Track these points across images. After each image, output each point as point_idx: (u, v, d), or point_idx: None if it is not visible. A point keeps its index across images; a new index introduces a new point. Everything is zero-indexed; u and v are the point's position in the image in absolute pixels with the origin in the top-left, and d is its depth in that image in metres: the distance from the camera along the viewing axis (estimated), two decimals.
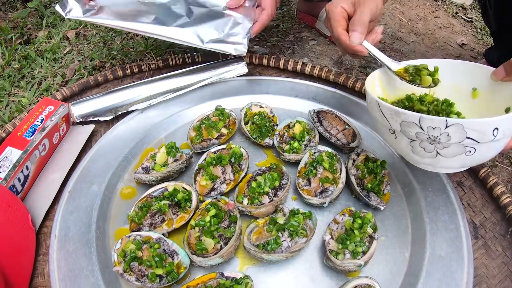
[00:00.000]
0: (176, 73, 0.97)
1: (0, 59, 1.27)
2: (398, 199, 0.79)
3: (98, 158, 0.84)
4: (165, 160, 0.78)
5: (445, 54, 1.36)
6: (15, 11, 1.69)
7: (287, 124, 0.86)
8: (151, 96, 0.93)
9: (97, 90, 1.01)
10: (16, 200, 0.76)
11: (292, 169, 0.80)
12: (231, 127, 0.86)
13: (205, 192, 0.75)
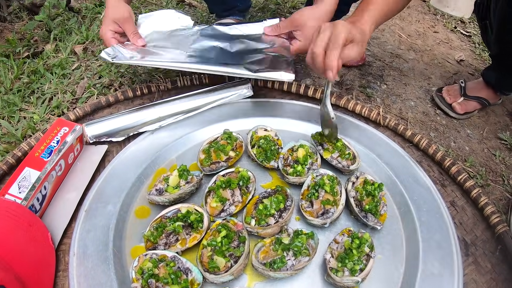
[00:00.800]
0: (185, 95, 1.05)
1: (9, 73, 1.35)
2: (394, 219, 0.88)
3: (112, 178, 0.92)
4: (177, 183, 0.87)
5: (444, 71, 1.45)
6: (21, 21, 1.77)
7: (291, 147, 0.94)
8: (161, 118, 1.01)
9: (109, 110, 1.10)
10: (36, 219, 0.84)
11: (296, 190, 0.89)
12: (238, 150, 0.95)
13: (215, 213, 0.83)
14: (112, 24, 1.09)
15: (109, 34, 1.09)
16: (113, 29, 1.10)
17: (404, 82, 1.33)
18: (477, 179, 1.03)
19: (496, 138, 1.20)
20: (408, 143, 1.04)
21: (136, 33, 1.11)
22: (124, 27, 1.10)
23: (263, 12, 1.65)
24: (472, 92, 1.24)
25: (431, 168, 0.99)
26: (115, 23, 1.10)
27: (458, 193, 0.95)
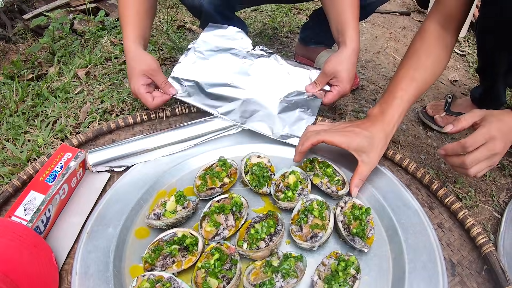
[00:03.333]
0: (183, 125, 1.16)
1: (14, 95, 1.44)
2: (382, 241, 0.95)
3: (113, 202, 1.00)
4: (174, 208, 0.95)
5: (436, 93, 1.53)
6: (25, 42, 1.88)
7: (283, 173, 1.02)
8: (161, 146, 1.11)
9: (110, 136, 1.19)
10: (40, 240, 0.92)
11: (287, 215, 0.96)
12: (232, 176, 1.03)
13: (210, 237, 0.91)
14: (142, 78, 1.13)
15: (143, 89, 1.13)
16: (144, 83, 1.14)
17: None
18: (466, 200, 1.10)
19: None
20: (398, 167, 1.11)
21: (167, 82, 1.17)
22: (155, 78, 1.15)
23: (260, 37, 1.74)
24: (456, 108, 1.32)
25: (419, 191, 1.06)
26: (144, 76, 1.13)
27: (445, 215, 1.02)
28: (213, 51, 1.29)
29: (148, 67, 1.12)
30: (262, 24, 1.87)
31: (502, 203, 1.13)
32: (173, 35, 1.75)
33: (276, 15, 1.96)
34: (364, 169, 0.99)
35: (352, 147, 0.98)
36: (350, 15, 1.13)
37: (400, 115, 1.01)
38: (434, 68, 1.06)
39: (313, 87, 1.22)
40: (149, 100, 1.13)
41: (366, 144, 0.97)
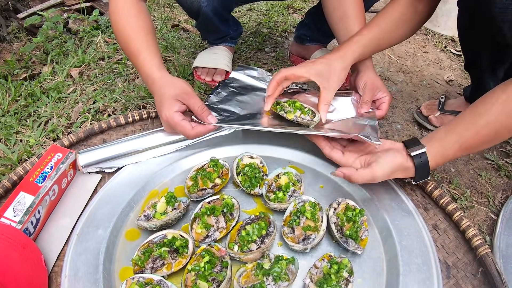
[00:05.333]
0: None
1: (6, 95, 1.42)
2: (375, 243, 0.93)
3: (103, 203, 0.98)
4: (164, 209, 0.92)
5: (432, 92, 1.51)
6: (20, 41, 1.85)
7: (277, 174, 1.00)
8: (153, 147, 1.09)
9: (101, 136, 1.17)
10: (30, 242, 0.90)
11: (279, 216, 0.94)
12: (224, 177, 1.01)
13: (200, 239, 0.89)
14: (176, 103, 0.96)
15: (177, 117, 0.95)
16: (178, 110, 0.96)
17: (391, 105, 1.39)
18: (462, 201, 1.08)
19: (483, 158, 1.25)
20: None
21: (204, 108, 0.98)
22: (190, 102, 0.97)
23: (255, 37, 1.72)
24: (450, 107, 1.30)
25: (414, 192, 1.04)
26: (178, 101, 0.96)
27: (440, 216, 1.00)
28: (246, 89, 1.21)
29: (180, 91, 0.97)
30: (257, 23, 1.85)
31: (498, 204, 1.11)
32: (167, 35, 1.72)
33: (271, 14, 1.94)
34: (327, 94, 1.02)
35: (312, 74, 1.01)
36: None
37: (355, 52, 1.04)
38: (398, 24, 1.09)
39: (367, 107, 1.10)
40: (187, 128, 0.96)
41: (324, 70, 1.02)
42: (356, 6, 1.15)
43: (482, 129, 0.87)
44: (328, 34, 1.32)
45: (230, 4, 1.30)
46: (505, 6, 0.91)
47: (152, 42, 1.05)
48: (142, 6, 1.09)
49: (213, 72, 1.37)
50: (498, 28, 0.97)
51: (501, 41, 1.02)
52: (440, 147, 0.91)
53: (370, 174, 0.90)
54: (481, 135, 0.88)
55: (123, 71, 1.50)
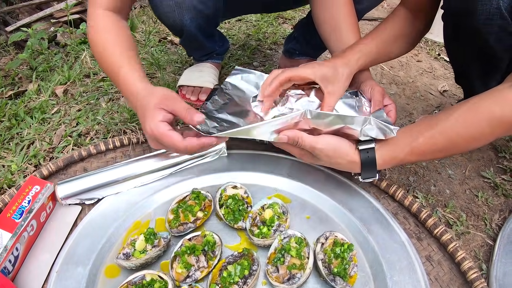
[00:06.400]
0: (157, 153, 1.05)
1: None
2: (365, 278, 0.86)
3: (83, 238, 0.92)
4: (144, 247, 0.86)
5: (426, 105, 1.43)
6: (8, 54, 1.79)
7: (262, 206, 0.93)
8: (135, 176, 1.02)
9: (82, 164, 1.09)
10: (8, 282, 0.83)
11: (264, 252, 0.87)
12: (206, 209, 0.94)
13: (181, 279, 0.82)
14: (159, 112, 0.82)
15: (163, 127, 0.81)
16: (164, 119, 0.82)
17: None
18: (457, 226, 1.01)
19: (479, 176, 1.17)
20: (384, 194, 1.02)
21: (189, 108, 0.83)
22: (174, 107, 0.83)
23: (243, 50, 1.64)
24: None
25: (407, 220, 0.97)
26: (161, 110, 0.82)
27: (434, 246, 0.93)
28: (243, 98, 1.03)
29: (162, 97, 0.84)
30: (246, 35, 1.77)
31: (495, 227, 1.04)
32: (155, 49, 1.65)
33: (260, 25, 1.85)
34: (331, 100, 0.95)
35: (318, 76, 0.93)
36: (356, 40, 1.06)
37: (359, 60, 0.97)
38: (397, 39, 1.05)
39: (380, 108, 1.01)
40: (175, 138, 0.81)
41: (330, 73, 0.94)
42: (349, 17, 1.08)
43: (437, 136, 0.82)
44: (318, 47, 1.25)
45: (215, 19, 1.21)
46: (490, 18, 0.85)
47: (133, 57, 0.96)
48: (122, 23, 1.02)
49: (198, 90, 1.29)
50: (484, 40, 0.91)
51: (489, 52, 0.96)
52: (390, 147, 0.86)
53: (311, 142, 0.85)
54: (435, 142, 0.82)
55: (108, 89, 1.43)
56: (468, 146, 0.85)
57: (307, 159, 0.90)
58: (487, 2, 0.83)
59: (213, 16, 1.14)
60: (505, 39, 0.90)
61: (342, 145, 0.86)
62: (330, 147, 0.85)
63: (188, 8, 1.06)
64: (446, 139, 0.82)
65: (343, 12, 1.07)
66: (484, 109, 0.79)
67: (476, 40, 0.94)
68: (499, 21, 0.85)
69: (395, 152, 0.85)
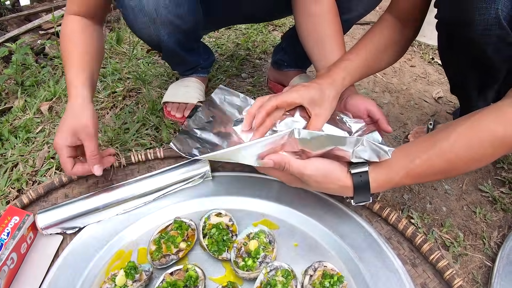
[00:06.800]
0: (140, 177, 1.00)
1: None
2: None
3: (65, 269, 0.87)
4: (124, 283, 0.80)
5: (420, 114, 1.36)
6: None
7: (248, 234, 0.88)
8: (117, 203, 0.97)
9: (63, 190, 1.04)
10: None
11: (250, 284, 0.82)
12: (190, 239, 0.89)
13: None
14: (71, 138, 0.88)
15: (65, 152, 0.88)
16: (70, 144, 0.88)
17: None
18: (454, 247, 0.95)
19: (477, 190, 1.11)
20: (377, 217, 0.96)
21: (95, 156, 0.89)
22: (85, 144, 0.89)
23: (232, 61, 1.57)
24: None
25: (401, 245, 0.91)
26: (74, 136, 0.88)
27: (430, 273, 0.87)
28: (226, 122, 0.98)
29: (81, 127, 0.88)
30: (235, 44, 1.70)
31: (494, 246, 0.98)
32: (142, 61, 1.58)
33: (250, 33, 1.78)
34: (318, 122, 0.92)
35: (306, 100, 0.90)
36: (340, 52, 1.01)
37: (344, 79, 0.93)
38: (386, 48, 1.00)
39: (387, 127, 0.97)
40: (67, 167, 0.90)
41: (317, 95, 0.90)
42: (333, 28, 1.02)
43: (435, 158, 0.74)
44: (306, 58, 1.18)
45: (195, 33, 1.15)
46: (487, 28, 0.79)
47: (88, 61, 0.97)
48: (91, 29, 1.01)
49: (183, 107, 1.23)
50: (481, 51, 0.85)
51: (486, 63, 0.89)
52: (385, 169, 0.78)
53: (299, 167, 0.78)
54: (432, 164, 0.75)
55: None
56: (468, 168, 0.78)
57: (296, 184, 0.84)
58: (485, 12, 0.77)
59: (192, 30, 1.08)
60: (503, 49, 0.84)
61: (333, 170, 0.79)
62: (319, 172, 0.79)
63: (163, 23, 0.99)
64: (444, 162, 0.75)
65: (327, 23, 1.01)
66: (486, 129, 0.72)
67: (472, 50, 0.88)
68: (498, 31, 0.79)
69: (390, 175, 0.78)
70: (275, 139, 0.78)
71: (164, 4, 0.95)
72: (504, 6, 0.76)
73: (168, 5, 0.96)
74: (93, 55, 0.99)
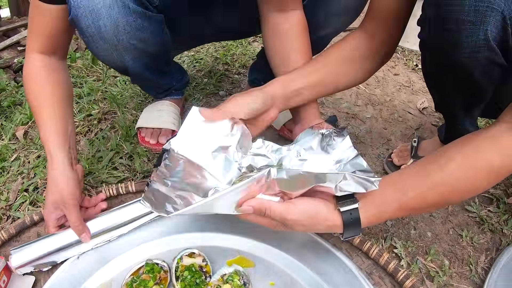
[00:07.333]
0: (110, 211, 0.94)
1: None
2: None
3: None
4: None
5: (405, 128, 1.30)
6: None
7: (222, 276, 0.82)
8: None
9: (35, 229, 0.99)
10: None
11: None
12: (162, 282, 0.83)
13: None
14: (54, 209, 0.87)
15: (51, 224, 0.88)
16: (56, 217, 0.88)
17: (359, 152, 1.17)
18: (439, 277, 0.90)
19: (464, 210, 1.06)
20: (357, 251, 0.90)
21: (77, 226, 0.86)
22: (67, 215, 0.87)
23: (210, 77, 1.49)
24: (424, 152, 1.11)
25: (382, 280, 0.85)
26: (57, 209, 0.87)
27: None
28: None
29: (59, 198, 0.86)
30: (214, 58, 1.62)
31: (481, 272, 0.92)
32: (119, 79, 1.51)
33: (229, 46, 1.70)
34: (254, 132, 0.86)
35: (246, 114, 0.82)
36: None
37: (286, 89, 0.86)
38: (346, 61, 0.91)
39: None
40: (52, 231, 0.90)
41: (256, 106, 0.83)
42: (300, 42, 0.94)
43: (429, 192, 0.69)
44: None
45: (165, 55, 1.07)
46: (475, 51, 0.72)
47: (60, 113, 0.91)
48: (54, 66, 0.95)
49: (158, 132, 1.16)
50: (467, 74, 0.78)
51: (473, 86, 0.83)
52: (376, 204, 0.71)
53: (282, 212, 0.69)
54: (426, 198, 0.69)
55: None
56: (461, 199, 0.74)
57: (281, 229, 0.74)
58: (473, 34, 0.70)
59: (161, 53, 1.01)
60: (492, 71, 0.78)
61: (319, 210, 0.70)
62: (304, 216, 0.70)
63: (126, 48, 0.92)
64: (438, 195, 0.69)
65: (294, 39, 0.94)
66: (483, 160, 0.67)
67: (458, 73, 0.81)
68: (487, 53, 0.73)
69: (382, 210, 0.71)
70: (252, 183, 0.70)
71: (124, 29, 0.88)
72: (494, 27, 0.69)
73: (129, 30, 0.88)
74: (64, 100, 0.94)
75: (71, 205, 0.86)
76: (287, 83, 0.86)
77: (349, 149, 0.83)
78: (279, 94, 0.85)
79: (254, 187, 0.70)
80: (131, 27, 0.89)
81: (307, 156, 0.84)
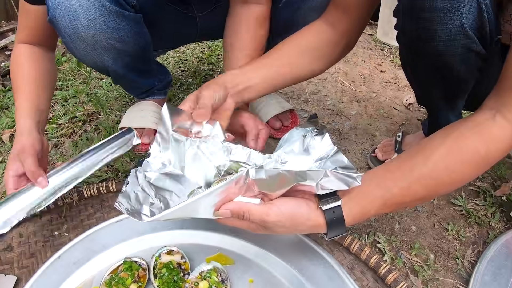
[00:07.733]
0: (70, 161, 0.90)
1: None
2: None
3: None
4: None
5: (390, 123, 1.28)
6: None
7: (200, 272, 0.80)
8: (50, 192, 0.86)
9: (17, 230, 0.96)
10: None
11: None
12: (141, 280, 0.82)
13: None
14: (14, 164, 0.84)
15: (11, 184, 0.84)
16: (16, 173, 0.84)
17: (343, 149, 1.15)
18: (424, 271, 0.87)
19: (450, 204, 1.03)
20: (339, 246, 0.88)
21: (34, 170, 0.82)
22: (24, 163, 0.83)
23: (194, 77, 1.48)
24: (407, 146, 1.09)
25: (364, 276, 0.83)
26: (17, 161, 0.84)
27: None
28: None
29: (20, 148, 0.84)
30: (199, 59, 1.61)
31: (468, 265, 0.90)
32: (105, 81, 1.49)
33: (215, 46, 1.69)
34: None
35: None
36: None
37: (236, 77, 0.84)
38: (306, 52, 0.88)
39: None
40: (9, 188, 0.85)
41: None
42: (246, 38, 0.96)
43: (414, 185, 0.65)
44: None
45: (145, 55, 1.06)
46: (452, 39, 0.71)
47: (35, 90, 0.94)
48: (38, 55, 0.98)
49: (140, 132, 1.14)
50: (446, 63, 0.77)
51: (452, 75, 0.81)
52: (360, 201, 0.67)
53: (261, 215, 0.64)
54: (411, 192, 0.66)
55: (53, 133, 1.28)
56: (448, 191, 0.71)
57: (262, 231, 0.70)
58: (448, 21, 0.69)
59: (142, 53, 1.00)
60: (470, 60, 0.76)
61: (300, 210, 0.67)
62: (285, 217, 0.66)
63: (105, 48, 0.92)
64: (423, 188, 0.66)
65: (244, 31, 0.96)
66: (468, 150, 0.64)
67: (436, 63, 0.79)
68: (464, 41, 0.71)
69: (366, 207, 0.68)
70: (230, 185, 0.67)
71: (101, 29, 0.87)
72: (470, 13, 0.68)
73: (106, 30, 0.88)
74: (41, 82, 0.96)
75: (28, 154, 0.83)
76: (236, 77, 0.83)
77: (329, 146, 0.80)
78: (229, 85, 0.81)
79: (232, 189, 0.66)
80: (108, 27, 0.89)
81: (287, 159, 0.81)
